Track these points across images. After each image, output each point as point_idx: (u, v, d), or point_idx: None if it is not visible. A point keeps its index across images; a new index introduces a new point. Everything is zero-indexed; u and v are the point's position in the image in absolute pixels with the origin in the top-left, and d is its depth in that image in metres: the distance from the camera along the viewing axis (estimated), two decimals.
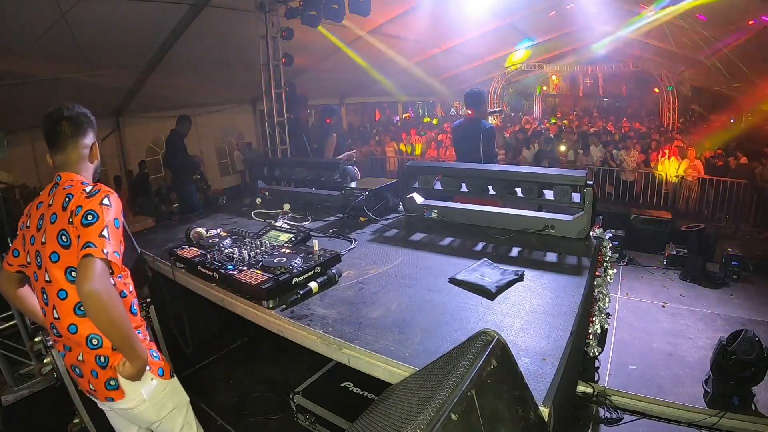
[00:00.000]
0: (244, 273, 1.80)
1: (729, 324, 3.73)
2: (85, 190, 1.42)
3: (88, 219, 1.35)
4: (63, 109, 1.51)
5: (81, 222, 1.35)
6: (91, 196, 1.40)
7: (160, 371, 1.55)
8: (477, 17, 8.61)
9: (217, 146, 10.17)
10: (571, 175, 2.28)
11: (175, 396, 1.62)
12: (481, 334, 0.98)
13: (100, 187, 1.45)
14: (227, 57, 7.57)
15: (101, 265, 1.30)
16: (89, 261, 1.29)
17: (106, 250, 1.31)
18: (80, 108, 1.56)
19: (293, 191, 3.44)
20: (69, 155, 1.53)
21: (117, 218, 1.42)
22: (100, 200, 1.40)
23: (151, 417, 1.57)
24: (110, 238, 1.35)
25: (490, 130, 3.79)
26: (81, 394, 2.09)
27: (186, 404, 1.67)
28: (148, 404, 1.52)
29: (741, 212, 7.35)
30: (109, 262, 1.33)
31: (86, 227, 1.34)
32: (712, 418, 2.55)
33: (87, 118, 1.56)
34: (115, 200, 1.45)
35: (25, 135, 6.67)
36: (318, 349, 1.53)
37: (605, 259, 2.36)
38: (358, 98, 13.95)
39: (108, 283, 1.31)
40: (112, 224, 1.39)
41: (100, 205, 1.39)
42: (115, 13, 5.31)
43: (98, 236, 1.33)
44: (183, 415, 1.64)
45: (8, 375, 2.93)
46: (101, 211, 1.38)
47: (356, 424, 1.02)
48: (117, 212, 1.43)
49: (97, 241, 1.32)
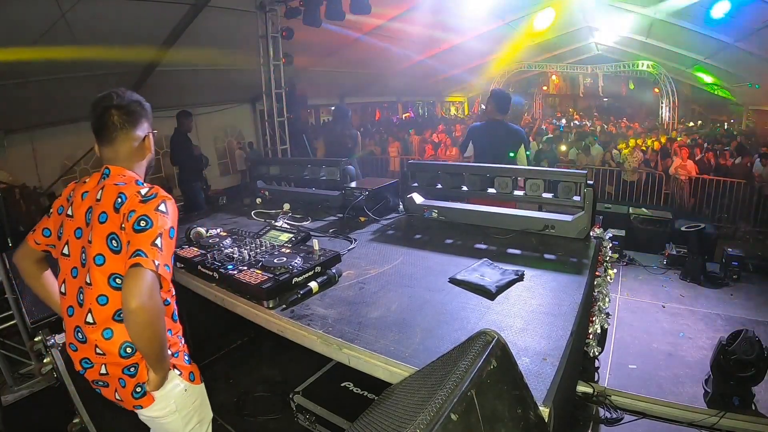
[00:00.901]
0: (244, 273, 1.80)
1: (729, 324, 3.73)
2: (140, 192, 1.31)
3: (141, 225, 1.25)
4: (113, 95, 1.38)
5: (133, 227, 1.25)
6: (147, 201, 1.29)
7: (191, 376, 1.50)
8: (477, 17, 8.61)
9: (217, 146, 10.16)
10: (572, 175, 2.28)
11: (202, 409, 1.57)
12: (481, 334, 0.98)
13: (156, 191, 1.33)
14: (227, 57, 7.57)
15: (151, 278, 1.19)
16: (138, 272, 1.18)
17: (157, 262, 1.21)
18: (132, 95, 1.42)
19: (293, 191, 3.44)
20: (118, 149, 1.40)
21: (173, 227, 1.32)
22: (156, 206, 1.29)
23: (177, 428, 1.49)
24: (163, 248, 1.24)
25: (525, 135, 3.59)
26: (81, 394, 2.10)
27: (209, 421, 1.61)
28: (177, 416, 1.46)
29: (741, 212, 7.35)
30: (159, 276, 1.22)
31: (138, 233, 1.24)
32: (712, 418, 2.55)
33: (140, 107, 1.43)
34: (172, 207, 1.34)
35: (25, 135, 6.68)
36: (318, 349, 1.52)
37: (605, 259, 2.36)
38: (358, 98, 13.95)
39: (156, 299, 1.21)
40: (167, 234, 1.28)
41: (155, 211, 1.27)
42: (115, 13, 5.32)
43: (150, 245, 1.22)
44: (204, 431, 1.59)
45: (8, 375, 2.93)
46: (156, 217, 1.26)
47: (356, 424, 1.02)
48: (173, 220, 1.32)
49: (149, 251, 1.21)
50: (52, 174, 7.16)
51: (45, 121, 6.80)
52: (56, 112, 6.74)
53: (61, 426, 2.18)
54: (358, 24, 7.84)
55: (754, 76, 9.73)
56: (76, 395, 2.08)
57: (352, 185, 2.89)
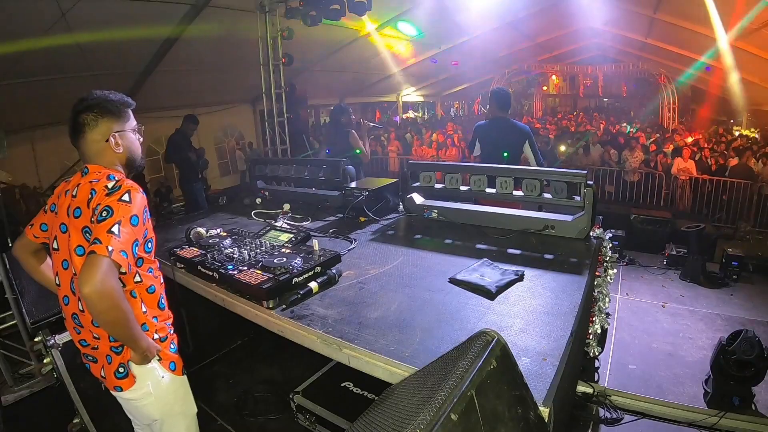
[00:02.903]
0: (244, 273, 1.80)
1: (729, 324, 3.73)
2: (107, 186, 1.36)
3: (103, 215, 1.29)
4: (84, 98, 1.43)
5: (96, 219, 1.30)
6: (112, 193, 1.34)
7: (171, 365, 1.53)
8: (477, 17, 8.61)
9: (217, 146, 10.17)
10: (572, 175, 2.28)
11: (185, 402, 1.60)
12: (481, 334, 0.98)
13: (122, 182, 1.38)
14: (227, 57, 7.58)
15: (105, 264, 1.22)
16: (92, 259, 1.23)
17: (110, 248, 1.24)
18: (106, 94, 1.45)
19: (293, 191, 3.44)
20: (84, 148, 1.45)
21: (136, 215, 1.34)
22: (120, 197, 1.33)
23: (153, 413, 1.53)
24: (120, 235, 1.27)
25: (531, 131, 3.62)
26: (81, 393, 2.10)
27: (192, 415, 1.64)
28: (153, 399, 1.50)
29: (741, 212, 7.35)
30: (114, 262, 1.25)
31: (99, 224, 1.29)
32: (712, 418, 2.55)
33: (111, 105, 1.44)
34: (137, 196, 1.36)
35: (25, 135, 6.69)
36: (318, 349, 1.53)
37: (605, 259, 2.36)
38: (358, 98, 13.95)
39: (110, 285, 1.23)
40: (127, 221, 1.31)
41: (118, 201, 1.32)
42: (115, 13, 5.32)
43: (106, 232, 1.26)
44: (186, 425, 1.61)
45: (8, 375, 2.93)
46: (117, 207, 1.31)
47: (356, 424, 1.02)
48: (138, 209, 1.35)
49: (104, 238, 1.25)
50: (52, 174, 7.16)
51: (45, 121, 6.80)
52: (56, 112, 6.69)
53: (61, 426, 2.18)
54: (358, 24, 7.85)
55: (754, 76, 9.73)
56: (76, 395, 2.08)
57: (352, 185, 2.89)
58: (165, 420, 1.56)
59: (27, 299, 2.31)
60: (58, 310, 2.12)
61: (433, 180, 2.72)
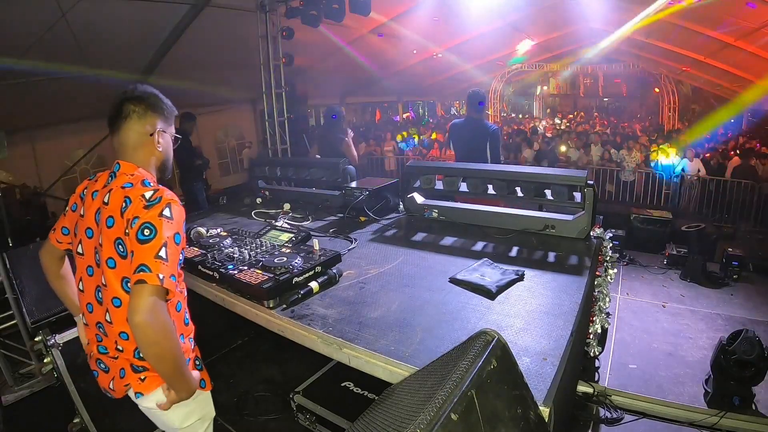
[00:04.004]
0: (244, 273, 1.80)
1: (729, 324, 3.73)
2: (144, 196, 1.26)
3: (145, 234, 1.20)
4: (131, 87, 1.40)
5: (137, 236, 1.20)
6: (150, 206, 1.24)
7: (201, 383, 1.47)
8: (477, 17, 8.61)
9: (217, 146, 10.16)
10: (572, 175, 2.28)
11: (204, 407, 1.54)
12: (482, 333, 0.98)
13: (161, 193, 1.28)
14: (227, 57, 7.57)
15: (156, 294, 1.16)
16: (142, 289, 1.15)
17: (161, 275, 1.17)
18: (154, 91, 1.43)
19: (293, 191, 3.44)
20: (124, 137, 1.37)
21: (178, 233, 1.26)
22: (160, 211, 1.23)
23: (174, 423, 1.47)
24: (168, 258, 1.20)
25: (497, 131, 3.90)
26: (81, 393, 2.10)
27: (210, 418, 1.59)
28: (177, 410, 1.42)
29: (741, 212, 7.35)
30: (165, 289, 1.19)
31: (142, 244, 1.19)
32: (712, 418, 2.55)
33: (156, 100, 1.41)
34: (178, 211, 1.28)
35: (25, 135, 6.68)
36: (318, 348, 1.53)
37: (605, 259, 2.36)
38: (358, 98, 13.95)
39: (161, 315, 1.17)
40: (172, 241, 1.23)
41: (159, 217, 1.22)
42: (115, 13, 5.32)
43: (154, 258, 1.18)
44: (204, 429, 1.57)
45: (8, 375, 2.93)
46: (160, 225, 1.21)
47: (356, 424, 1.02)
48: (178, 225, 1.27)
49: (152, 264, 1.17)
50: (52, 174, 7.16)
51: (45, 121, 6.80)
52: (56, 112, 6.73)
53: (61, 426, 2.18)
54: (358, 24, 7.85)
55: None
56: (76, 395, 2.08)
57: (352, 185, 2.90)
58: (186, 430, 1.50)
59: (27, 299, 2.31)
60: (58, 310, 2.12)
61: (433, 182, 2.72)
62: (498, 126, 4.22)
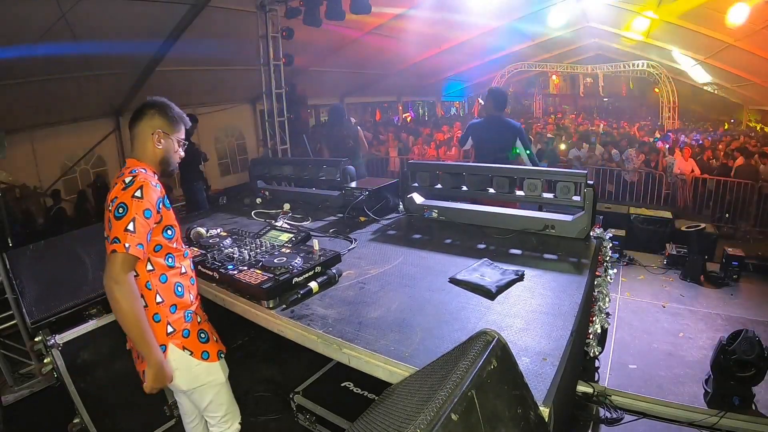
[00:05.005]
0: (244, 273, 1.80)
1: (729, 324, 3.73)
2: (125, 180, 1.48)
3: (119, 212, 1.43)
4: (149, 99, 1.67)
5: (114, 214, 1.43)
6: (127, 188, 1.46)
7: (204, 354, 1.64)
8: (477, 17, 8.62)
9: (217, 146, 10.16)
10: (572, 175, 2.28)
11: (210, 374, 1.69)
12: (482, 333, 0.98)
13: (136, 177, 1.49)
14: (227, 57, 7.57)
15: (121, 261, 1.39)
16: (114, 257, 1.39)
17: (128, 245, 1.39)
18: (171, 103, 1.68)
19: (293, 191, 3.44)
20: (135, 133, 1.63)
21: (149, 209, 1.46)
22: (133, 192, 1.45)
23: (181, 386, 1.63)
24: (135, 230, 1.42)
25: (522, 128, 3.76)
26: (81, 393, 2.10)
27: (219, 384, 1.73)
28: (177, 373, 1.58)
29: (742, 212, 7.35)
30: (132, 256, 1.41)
31: (117, 220, 1.42)
32: (712, 418, 2.55)
33: (166, 110, 1.65)
34: (149, 190, 1.48)
35: (25, 135, 6.67)
36: (318, 348, 1.53)
37: (605, 258, 2.36)
38: (358, 98, 13.95)
39: (125, 280, 1.40)
40: (141, 216, 1.44)
41: (132, 198, 1.44)
42: (115, 13, 5.31)
43: (123, 230, 1.41)
44: (214, 393, 1.72)
45: (8, 375, 2.93)
46: (131, 203, 1.43)
47: (356, 424, 1.02)
48: (149, 203, 1.47)
49: (122, 236, 1.40)
50: (52, 174, 7.16)
51: (45, 121, 6.80)
52: (56, 112, 6.73)
53: (61, 426, 2.18)
54: (359, 24, 7.84)
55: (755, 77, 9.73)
56: (77, 395, 2.08)
57: (352, 185, 2.89)
58: (194, 392, 1.67)
59: (27, 299, 2.31)
60: (58, 310, 2.13)
61: (431, 180, 2.72)
62: None
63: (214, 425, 1.79)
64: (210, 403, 1.73)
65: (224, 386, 1.77)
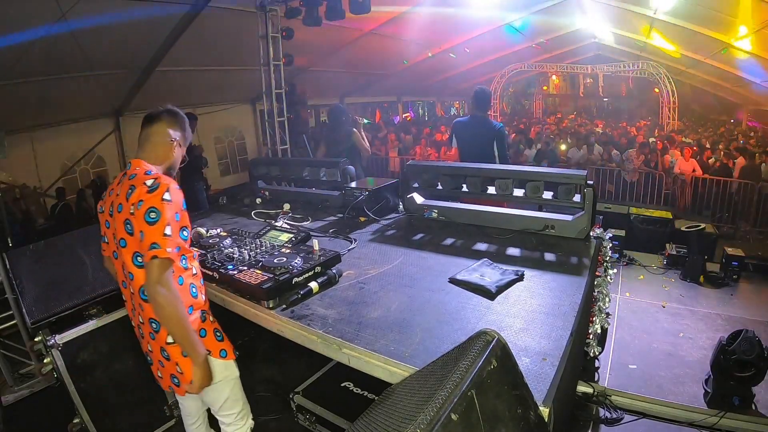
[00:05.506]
0: (244, 273, 1.80)
1: (729, 324, 3.73)
2: (146, 183, 1.48)
3: (152, 217, 1.43)
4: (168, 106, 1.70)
5: (144, 218, 1.43)
6: (153, 191, 1.46)
7: (222, 353, 1.68)
8: (477, 17, 8.62)
9: (217, 146, 10.16)
10: (572, 175, 2.28)
11: (226, 370, 1.70)
12: (481, 333, 0.98)
13: (160, 180, 1.49)
14: (227, 57, 7.57)
15: (162, 265, 1.42)
16: (156, 263, 1.41)
17: (169, 249, 1.43)
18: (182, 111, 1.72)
19: (293, 191, 3.44)
20: (150, 132, 1.63)
21: (177, 212, 1.50)
22: (161, 196, 1.46)
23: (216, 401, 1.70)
24: (171, 234, 1.45)
25: (502, 130, 3.83)
26: (81, 393, 2.10)
27: (234, 378, 1.75)
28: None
29: (742, 212, 7.35)
30: (170, 260, 1.44)
31: (150, 225, 1.43)
32: (712, 418, 2.55)
33: (182, 118, 1.70)
34: (175, 192, 1.50)
35: (25, 135, 6.67)
36: (318, 349, 1.53)
37: (605, 259, 2.36)
38: (358, 98, 13.95)
39: (170, 283, 1.44)
40: (173, 219, 1.47)
41: (161, 201, 1.45)
42: (115, 13, 5.31)
43: (162, 236, 1.42)
44: (230, 388, 1.73)
45: (8, 375, 2.93)
46: (163, 207, 1.44)
47: (356, 424, 1.02)
48: (177, 206, 1.50)
49: (161, 241, 1.42)
50: (52, 174, 7.16)
51: (45, 121, 6.80)
52: (56, 112, 6.73)
53: (61, 426, 2.18)
54: (359, 24, 7.84)
55: None
56: (76, 395, 2.08)
57: (352, 185, 2.89)
58: (211, 389, 1.66)
59: (27, 299, 2.31)
60: (58, 310, 2.13)
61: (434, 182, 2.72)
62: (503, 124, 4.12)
63: (230, 423, 1.78)
64: (227, 400, 1.73)
65: (239, 381, 1.78)
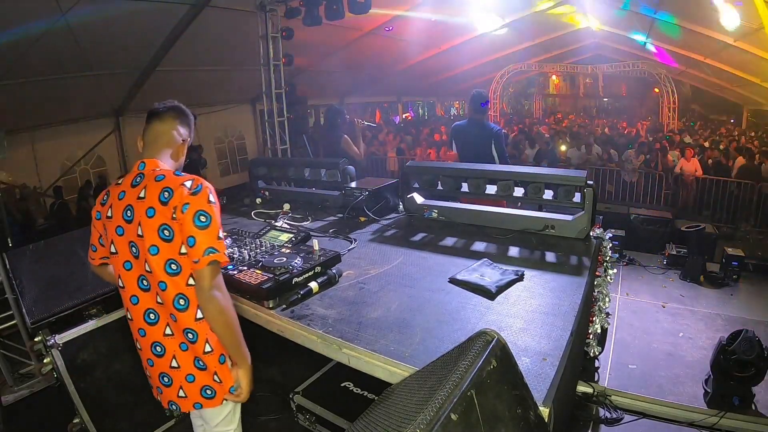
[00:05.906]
0: (244, 273, 1.80)
1: (729, 324, 3.72)
2: (185, 185, 1.38)
3: (202, 221, 1.35)
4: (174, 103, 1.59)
5: (194, 222, 1.34)
6: (196, 193, 1.37)
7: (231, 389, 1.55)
8: (477, 17, 8.62)
9: (217, 146, 10.16)
10: (572, 175, 2.28)
11: None
12: (481, 333, 0.98)
13: (199, 181, 1.41)
14: (227, 57, 7.57)
15: (216, 270, 1.36)
16: (212, 269, 1.34)
17: (225, 252, 1.38)
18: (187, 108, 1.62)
19: (293, 191, 3.44)
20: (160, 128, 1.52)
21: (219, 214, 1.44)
22: (207, 198, 1.38)
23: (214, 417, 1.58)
24: (223, 237, 1.39)
25: (500, 132, 3.81)
26: (81, 393, 2.09)
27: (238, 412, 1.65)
28: None
29: (742, 212, 7.34)
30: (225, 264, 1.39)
31: (202, 229, 1.34)
32: (712, 418, 2.55)
33: (190, 115, 1.61)
34: (215, 195, 1.44)
35: (25, 135, 6.68)
36: (318, 349, 1.53)
37: (605, 259, 2.36)
38: (358, 98, 13.95)
39: (224, 288, 1.38)
40: (221, 221, 1.41)
41: (209, 203, 1.38)
42: (115, 13, 5.32)
43: (217, 239, 1.36)
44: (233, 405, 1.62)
45: (8, 375, 2.93)
46: (212, 210, 1.38)
47: (356, 424, 1.02)
48: (219, 208, 1.43)
49: (218, 245, 1.35)
50: (52, 174, 7.16)
51: (45, 121, 6.80)
52: (56, 112, 6.74)
53: (61, 426, 2.18)
54: (359, 24, 7.85)
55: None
56: (76, 395, 2.08)
57: (352, 185, 2.89)
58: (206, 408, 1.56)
59: (27, 299, 2.31)
60: (58, 310, 2.12)
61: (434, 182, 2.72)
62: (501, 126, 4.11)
63: None
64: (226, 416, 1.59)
65: None
